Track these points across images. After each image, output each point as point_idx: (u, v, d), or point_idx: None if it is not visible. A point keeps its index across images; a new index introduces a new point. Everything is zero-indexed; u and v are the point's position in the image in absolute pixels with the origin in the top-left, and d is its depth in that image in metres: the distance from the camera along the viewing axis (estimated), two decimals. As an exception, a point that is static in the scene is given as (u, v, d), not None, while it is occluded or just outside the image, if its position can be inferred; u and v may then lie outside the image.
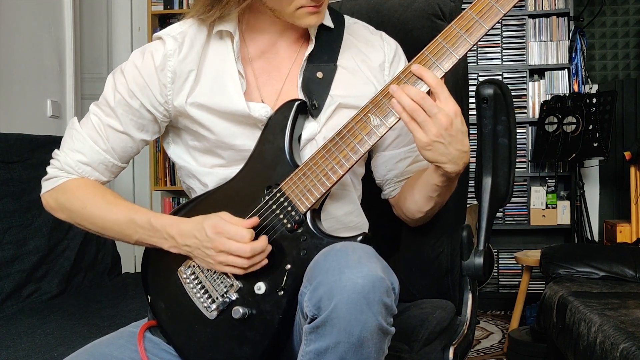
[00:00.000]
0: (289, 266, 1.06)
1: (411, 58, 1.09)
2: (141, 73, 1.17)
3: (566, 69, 3.98)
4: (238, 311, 1.06)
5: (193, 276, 1.13)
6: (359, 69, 1.22)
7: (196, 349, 1.13)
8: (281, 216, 1.08)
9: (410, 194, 1.24)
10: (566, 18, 3.98)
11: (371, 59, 1.24)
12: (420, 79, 1.05)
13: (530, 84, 4.02)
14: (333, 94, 1.18)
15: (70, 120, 1.25)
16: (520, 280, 3.38)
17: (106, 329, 1.69)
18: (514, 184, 1.34)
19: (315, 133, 1.17)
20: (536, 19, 4.01)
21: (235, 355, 1.09)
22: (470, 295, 1.33)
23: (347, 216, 1.23)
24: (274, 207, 1.09)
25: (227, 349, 1.10)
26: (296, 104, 1.14)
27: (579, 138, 3.63)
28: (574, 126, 3.66)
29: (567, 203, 3.93)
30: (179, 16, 1.25)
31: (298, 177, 1.09)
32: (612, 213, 4.14)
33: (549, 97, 3.94)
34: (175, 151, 1.26)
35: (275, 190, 1.10)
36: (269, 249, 1.06)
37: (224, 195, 1.16)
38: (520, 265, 3.72)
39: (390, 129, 1.07)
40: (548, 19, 4.00)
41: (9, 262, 2.07)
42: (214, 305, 1.10)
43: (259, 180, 1.13)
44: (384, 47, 1.26)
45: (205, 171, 1.21)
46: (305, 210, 1.07)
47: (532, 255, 3.21)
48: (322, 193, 1.07)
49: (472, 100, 1.32)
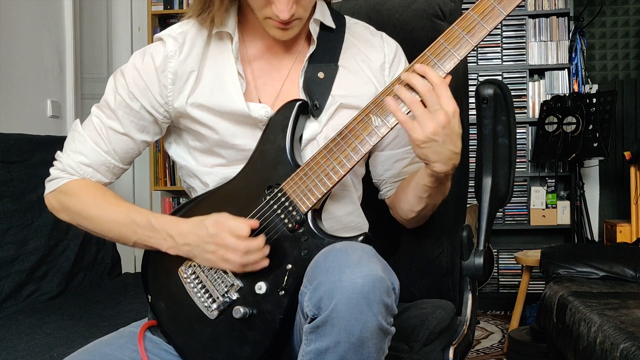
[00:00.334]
0: (289, 266, 1.06)
1: (411, 58, 1.10)
2: (141, 75, 1.17)
3: (566, 69, 3.98)
4: (239, 311, 1.06)
5: (193, 276, 1.13)
6: (360, 69, 1.22)
7: (196, 349, 1.13)
8: (282, 216, 1.08)
9: (404, 194, 1.25)
10: (566, 18, 3.98)
11: (372, 60, 1.24)
12: (424, 77, 1.04)
13: (530, 84, 4.02)
14: (334, 94, 1.18)
15: (73, 122, 1.25)
16: (520, 280, 3.38)
17: (106, 329, 1.70)
18: (514, 184, 1.34)
19: (317, 133, 1.17)
20: (536, 19, 4.01)
21: (235, 355, 1.09)
22: (470, 295, 1.33)
23: (348, 216, 1.23)
24: (275, 207, 1.09)
25: (228, 348, 1.10)
26: (297, 104, 1.14)
27: (579, 138, 3.63)
28: (574, 126, 3.66)
29: (567, 203, 3.93)
30: (179, 16, 1.25)
31: (299, 177, 1.09)
32: (612, 213, 4.14)
33: (549, 97, 3.94)
34: (177, 151, 1.26)
35: (276, 190, 1.10)
36: (266, 251, 1.06)
37: (225, 195, 1.16)
38: (520, 265, 3.72)
39: (391, 129, 1.07)
40: (548, 19, 4.00)
41: (9, 262, 2.07)
42: (214, 305, 1.10)
43: (260, 180, 1.13)
44: (384, 48, 1.26)
45: (206, 171, 1.21)
46: (306, 210, 1.07)
47: (532, 255, 3.21)
48: (323, 193, 1.08)
49: (472, 100, 1.32)
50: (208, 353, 1.12)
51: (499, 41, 4.03)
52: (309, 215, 1.08)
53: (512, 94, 1.49)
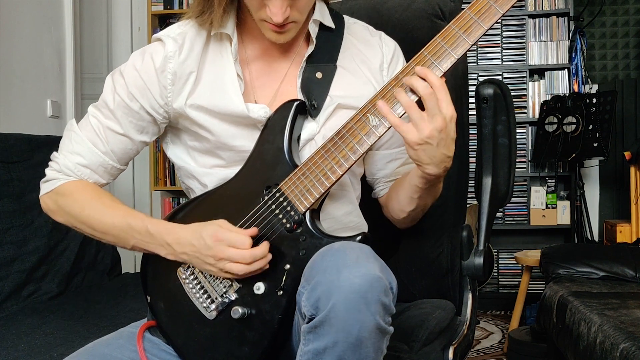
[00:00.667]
0: (288, 266, 1.06)
1: (410, 58, 1.09)
2: (141, 75, 1.17)
3: (566, 69, 3.98)
4: (237, 311, 1.06)
5: (192, 276, 1.13)
6: (359, 69, 1.22)
7: (195, 349, 1.13)
8: (280, 216, 1.08)
9: (396, 194, 1.25)
10: (566, 18, 3.98)
11: (370, 60, 1.24)
12: (424, 80, 1.04)
13: (530, 84, 4.02)
14: (332, 94, 1.18)
15: (69, 122, 1.24)
16: (520, 280, 3.38)
17: (106, 329, 1.70)
18: (514, 184, 1.34)
19: (315, 133, 1.17)
20: (536, 19, 4.01)
21: (234, 355, 1.09)
22: (470, 295, 1.33)
23: (347, 216, 1.23)
24: (273, 207, 1.09)
25: (227, 349, 1.10)
26: (295, 104, 1.14)
27: (579, 138, 3.62)
28: (574, 126, 3.66)
29: (567, 203, 3.93)
30: (179, 16, 1.25)
31: (297, 177, 1.09)
32: (612, 213, 4.14)
33: (549, 97, 3.94)
34: (175, 152, 1.26)
35: (274, 191, 1.10)
36: (269, 257, 1.06)
37: (223, 196, 1.16)
38: (520, 265, 3.72)
39: (389, 129, 1.07)
40: (548, 19, 4.00)
41: (9, 262, 2.07)
42: (213, 306, 1.10)
43: (258, 180, 1.13)
44: (383, 48, 1.26)
45: (205, 171, 1.21)
46: (304, 210, 1.07)
47: (532, 255, 3.21)
48: (322, 193, 1.07)
49: (472, 100, 1.32)
50: (207, 353, 1.12)
51: (499, 41, 4.03)
52: (307, 215, 1.07)
53: (512, 94, 1.49)
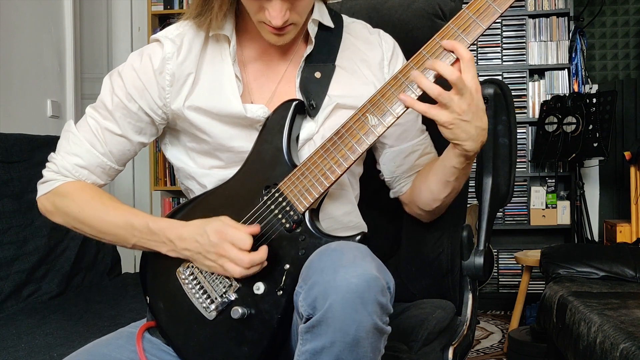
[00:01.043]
0: (287, 266, 1.06)
1: (410, 58, 1.09)
2: (139, 76, 1.17)
3: (566, 69, 3.98)
4: (237, 311, 1.06)
5: (192, 277, 1.13)
6: (358, 69, 1.22)
7: (195, 349, 1.13)
8: (280, 216, 1.08)
9: (425, 183, 1.23)
10: (566, 18, 3.98)
11: (370, 57, 1.24)
12: (452, 52, 1.04)
13: (530, 84, 4.02)
14: (331, 94, 1.18)
15: (66, 123, 1.23)
16: (520, 280, 3.38)
17: (106, 329, 1.70)
18: (514, 184, 1.34)
19: (313, 133, 1.17)
20: (536, 19, 4.01)
21: (234, 355, 1.09)
22: (470, 295, 1.33)
23: (346, 216, 1.23)
24: (273, 207, 1.09)
25: (226, 349, 1.10)
26: (294, 104, 1.14)
27: (579, 138, 3.62)
28: (574, 126, 3.66)
29: (567, 203, 3.93)
30: (179, 16, 1.25)
31: (296, 177, 1.09)
32: (612, 213, 4.14)
33: (549, 97, 3.94)
34: (173, 153, 1.25)
35: (273, 191, 1.10)
36: (265, 263, 1.06)
37: (223, 196, 1.16)
38: (520, 265, 3.72)
39: (388, 128, 1.07)
40: (548, 19, 4.00)
41: (9, 262, 2.07)
42: (212, 306, 1.10)
43: (257, 180, 1.13)
44: (382, 45, 1.26)
45: (204, 172, 1.21)
46: (303, 210, 1.07)
47: (532, 255, 3.21)
48: (321, 193, 1.07)
49: (472, 100, 1.32)
50: (206, 353, 1.12)
51: (499, 41, 4.03)
52: (307, 215, 1.07)
53: (512, 94, 1.49)
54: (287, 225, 1.07)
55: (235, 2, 1.17)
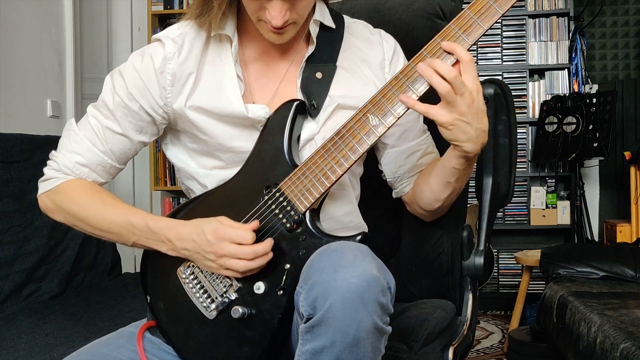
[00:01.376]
0: (288, 266, 1.06)
1: (410, 58, 1.09)
2: (140, 75, 1.17)
3: (566, 69, 3.98)
4: (237, 311, 1.06)
5: (192, 276, 1.13)
6: (359, 69, 1.22)
7: (195, 349, 1.13)
8: (280, 216, 1.08)
9: (427, 183, 1.23)
10: (566, 18, 3.98)
11: (371, 57, 1.24)
12: (450, 54, 1.04)
13: (530, 84, 4.02)
14: (332, 94, 1.18)
15: (68, 122, 1.24)
16: (520, 280, 3.38)
17: (106, 329, 1.69)
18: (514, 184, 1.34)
19: (314, 133, 1.17)
20: (536, 19, 4.01)
21: (234, 354, 1.09)
22: (470, 296, 1.33)
23: (347, 216, 1.23)
24: (273, 207, 1.09)
25: (227, 348, 1.10)
26: (295, 104, 1.14)
27: (579, 138, 3.63)
28: (574, 126, 3.66)
29: (567, 203, 3.93)
30: (179, 16, 1.25)
31: (297, 177, 1.09)
32: (612, 213, 4.14)
33: (549, 97, 3.94)
34: (174, 153, 1.25)
35: (274, 190, 1.10)
36: (270, 255, 1.05)
37: (223, 196, 1.16)
38: (520, 265, 3.72)
39: (389, 128, 1.07)
40: (548, 19, 4.00)
41: (9, 262, 2.07)
42: (213, 305, 1.10)
43: (258, 180, 1.13)
44: (383, 45, 1.26)
45: (205, 173, 1.21)
46: (304, 210, 1.07)
47: (532, 255, 3.21)
48: (321, 193, 1.07)
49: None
50: (207, 353, 1.12)
51: (499, 41, 4.03)
52: (307, 215, 1.07)
53: (512, 94, 1.49)
54: (288, 225, 1.07)
55: (237, 2, 1.17)
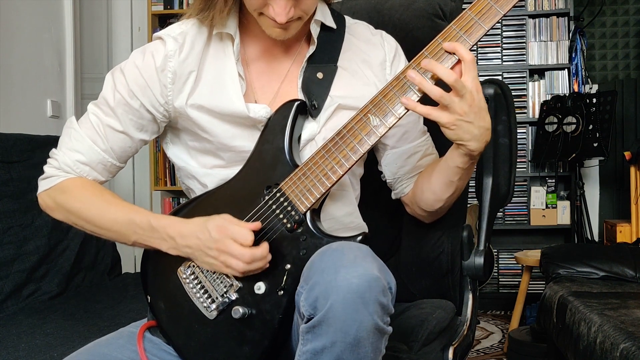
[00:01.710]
0: (288, 266, 1.06)
1: (411, 57, 1.09)
2: (142, 73, 1.17)
3: (566, 69, 3.98)
4: (238, 311, 1.06)
5: (193, 276, 1.13)
6: (360, 70, 1.22)
7: (196, 349, 1.13)
8: (281, 216, 1.08)
9: (428, 184, 1.23)
10: (566, 18, 3.98)
11: (372, 58, 1.24)
12: (452, 54, 1.04)
13: (530, 84, 4.02)
14: (333, 94, 1.18)
15: (68, 120, 1.24)
16: (520, 280, 3.38)
17: (106, 329, 1.69)
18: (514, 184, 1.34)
19: (315, 133, 1.17)
20: (536, 19, 4.01)
21: (235, 354, 1.09)
22: (470, 295, 1.33)
23: (347, 217, 1.23)
24: (274, 207, 1.09)
25: (227, 348, 1.10)
26: (296, 104, 1.14)
27: (579, 138, 3.63)
28: (574, 126, 3.66)
29: (567, 203, 3.93)
30: (179, 16, 1.25)
31: (298, 177, 1.09)
32: (612, 213, 4.14)
33: (549, 97, 3.94)
34: (174, 152, 1.25)
35: (275, 190, 1.10)
36: (269, 257, 1.06)
37: (224, 195, 1.16)
38: (520, 265, 3.72)
39: (389, 129, 1.07)
40: (548, 19, 4.00)
41: (9, 262, 2.07)
42: (213, 305, 1.10)
43: (259, 180, 1.13)
44: (385, 46, 1.26)
45: (205, 172, 1.21)
46: (305, 210, 1.07)
47: (532, 255, 3.21)
48: (322, 193, 1.07)
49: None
50: (207, 353, 1.12)
51: (499, 41, 4.03)
52: (308, 215, 1.07)
53: (512, 94, 1.49)
54: (289, 225, 1.07)
55: (239, 0, 1.17)
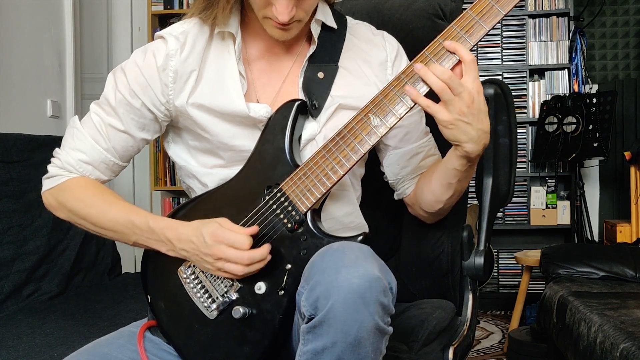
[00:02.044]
0: (289, 266, 1.06)
1: (411, 57, 1.09)
2: (143, 72, 1.17)
3: (566, 69, 3.98)
4: (238, 311, 1.06)
5: (193, 276, 1.13)
6: (360, 70, 1.22)
7: (196, 349, 1.13)
8: (281, 216, 1.08)
9: (428, 185, 1.23)
10: (566, 18, 3.98)
11: (372, 58, 1.24)
12: (453, 54, 1.04)
13: (530, 84, 4.02)
14: (334, 94, 1.18)
15: (71, 119, 1.24)
16: (520, 280, 3.38)
17: (106, 329, 1.69)
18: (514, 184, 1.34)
19: (316, 133, 1.17)
20: (536, 19, 4.01)
21: (235, 354, 1.09)
22: (470, 296, 1.33)
23: (348, 217, 1.23)
24: (275, 207, 1.09)
25: (227, 348, 1.10)
26: (296, 104, 1.14)
27: (579, 138, 3.63)
28: (574, 126, 3.66)
29: (567, 203, 3.93)
30: (179, 16, 1.25)
31: (298, 177, 1.09)
32: (612, 213, 4.14)
33: (549, 97, 3.94)
34: (176, 151, 1.26)
35: (275, 190, 1.10)
36: (268, 258, 1.06)
37: (224, 195, 1.16)
38: (520, 265, 3.72)
39: (390, 129, 1.07)
40: (548, 19, 4.00)
41: (9, 262, 2.07)
42: (214, 305, 1.10)
43: (259, 180, 1.13)
44: (386, 46, 1.26)
45: (205, 171, 1.21)
46: (305, 210, 1.07)
47: (532, 255, 3.21)
48: (323, 193, 1.07)
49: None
50: (207, 353, 1.12)
51: (499, 41, 4.03)
52: (308, 215, 1.07)
53: (512, 94, 1.49)
54: (289, 225, 1.07)
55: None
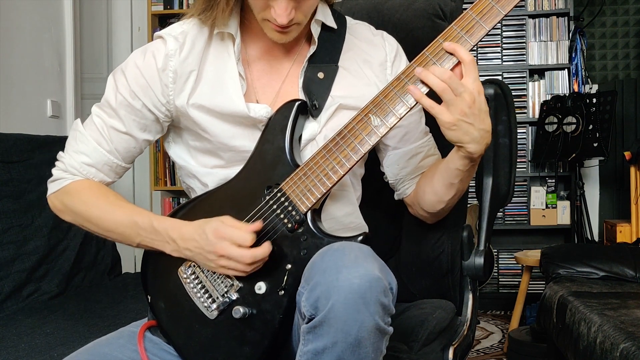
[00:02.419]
0: (289, 266, 1.06)
1: (411, 58, 1.09)
2: (142, 73, 1.17)
3: (566, 69, 3.98)
4: (238, 311, 1.06)
5: (193, 276, 1.13)
6: (360, 70, 1.22)
7: (196, 349, 1.13)
8: (282, 216, 1.08)
9: (430, 185, 1.23)
10: (566, 18, 3.98)
11: (372, 58, 1.24)
12: (452, 55, 1.04)
13: (530, 84, 4.02)
14: (334, 94, 1.18)
15: (74, 122, 1.25)
16: (520, 280, 3.38)
17: (106, 329, 1.70)
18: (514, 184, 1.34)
19: (316, 133, 1.17)
20: (536, 19, 4.01)
21: (235, 354, 1.09)
22: (470, 296, 1.33)
23: (348, 217, 1.23)
24: (275, 207, 1.09)
25: (227, 348, 1.10)
26: (297, 104, 1.14)
27: (579, 138, 3.63)
28: (574, 126, 3.66)
29: (567, 203, 3.93)
30: (179, 16, 1.25)
31: (299, 177, 1.09)
32: (612, 213, 4.14)
33: (549, 97, 3.94)
34: (176, 151, 1.26)
35: (275, 190, 1.10)
36: (267, 256, 1.06)
37: (225, 195, 1.16)
38: (520, 265, 3.72)
39: (391, 129, 1.07)
40: (548, 19, 4.00)
41: (9, 262, 2.07)
42: (214, 305, 1.10)
43: (259, 180, 1.13)
44: (386, 47, 1.26)
45: (206, 171, 1.21)
46: (305, 210, 1.07)
47: (532, 255, 3.21)
48: (323, 193, 1.07)
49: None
50: (207, 353, 1.12)
51: (499, 41, 4.03)
52: (309, 215, 1.07)
53: (512, 94, 1.49)
54: (289, 225, 1.07)
55: (240, 0, 1.17)
